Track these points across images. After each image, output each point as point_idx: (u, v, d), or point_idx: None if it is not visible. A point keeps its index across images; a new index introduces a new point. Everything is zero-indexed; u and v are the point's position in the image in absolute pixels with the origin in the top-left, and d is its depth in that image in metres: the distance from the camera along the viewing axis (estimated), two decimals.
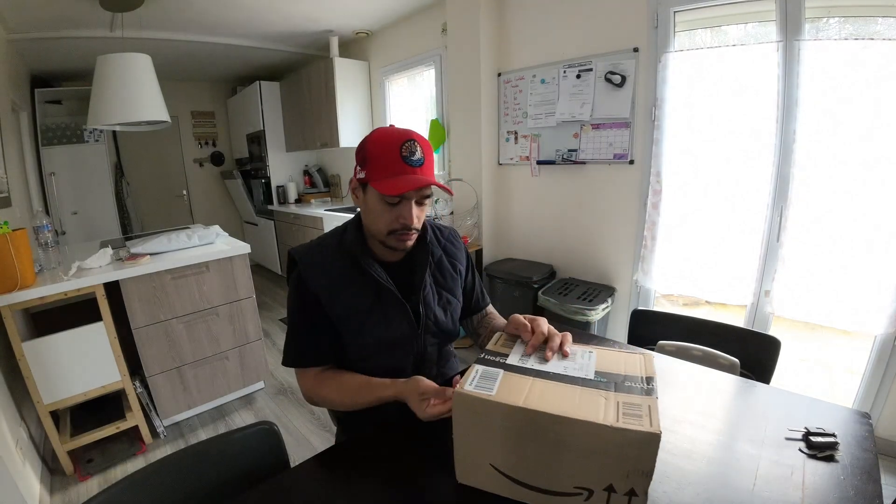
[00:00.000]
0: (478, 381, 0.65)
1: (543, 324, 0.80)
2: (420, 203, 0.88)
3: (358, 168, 0.88)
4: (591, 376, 0.67)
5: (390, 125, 0.93)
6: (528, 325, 0.79)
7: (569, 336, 0.78)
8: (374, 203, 0.87)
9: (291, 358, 0.94)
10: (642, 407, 0.58)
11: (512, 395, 0.62)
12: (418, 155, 0.83)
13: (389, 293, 0.92)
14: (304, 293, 0.91)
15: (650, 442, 0.54)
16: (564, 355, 0.73)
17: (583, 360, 0.72)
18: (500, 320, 1.11)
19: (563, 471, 0.60)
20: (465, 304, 1.10)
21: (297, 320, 0.93)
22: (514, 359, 0.73)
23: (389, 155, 0.83)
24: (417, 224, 0.89)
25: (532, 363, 0.71)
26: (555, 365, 0.70)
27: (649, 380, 0.65)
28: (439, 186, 0.86)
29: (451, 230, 1.11)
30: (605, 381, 0.65)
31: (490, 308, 1.15)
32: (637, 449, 0.55)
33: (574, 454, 0.59)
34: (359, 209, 0.95)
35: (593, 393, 0.62)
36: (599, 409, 0.58)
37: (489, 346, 0.78)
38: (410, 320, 0.94)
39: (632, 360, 0.71)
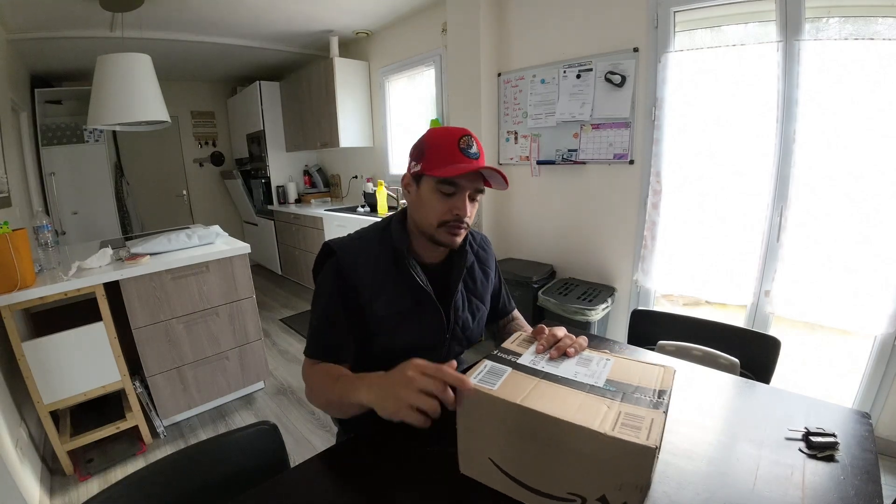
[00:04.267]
0: (483, 376, 0.66)
1: (560, 329, 0.78)
2: (473, 199, 0.88)
3: (413, 164, 0.89)
4: (601, 384, 0.65)
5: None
6: (546, 329, 0.78)
7: (584, 340, 0.76)
8: (428, 194, 0.87)
9: (318, 351, 0.89)
10: (645, 419, 0.56)
11: (513, 393, 0.62)
12: (475, 149, 0.86)
13: (427, 297, 0.91)
14: (343, 286, 0.88)
15: (643, 456, 0.52)
16: (568, 355, 0.72)
17: (597, 366, 0.70)
18: (527, 326, 1.12)
19: (557, 474, 0.60)
20: (491, 310, 1.11)
21: (332, 313, 0.88)
22: (525, 359, 0.72)
23: (448, 146, 0.84)
24: (469, 219, 0.89)
25: (543, 365, 0.70)
26: (566, 369, 0.69)
27: (661, 393, 0.62)
28: (498, 172, 0.84)
29: (482, 236, 1.12)
30: (613, 390, 0.63)
31: (515, 312, 1.17)
32: (631, 461, 0.53)
33: (568, 459, 0.58)
34: (404, 205, 0.94)
35: (597, 400, 0.61)
36: (598, 416, 0.57)
37: (504, 345, 0.78)
38: (443, 326, 0.94)
39: (649, 372, 0.68)
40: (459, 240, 0.91)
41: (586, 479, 0.57)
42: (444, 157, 0.84)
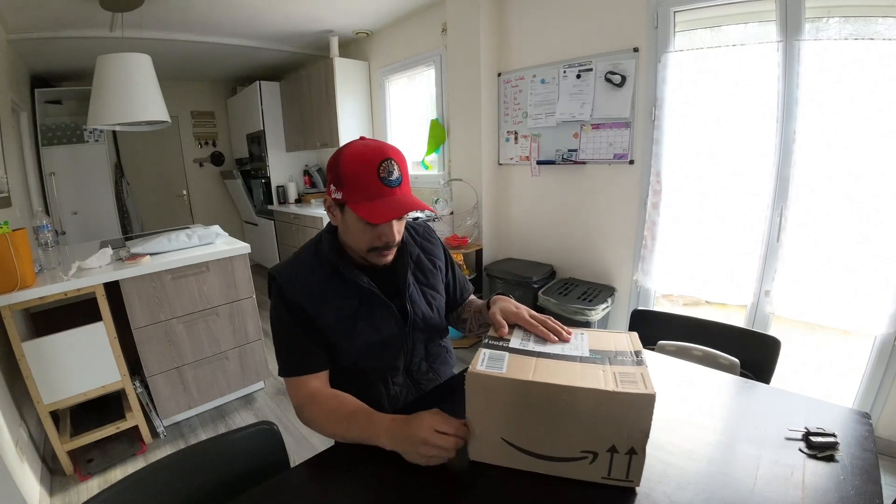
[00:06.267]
0: (487, 362, 0.71)
1: (524, 314, 0.84)
2: (399, 218, 0.88)
3: (333, 187, 0.86)
4: (587, 354, 0.74)
5: (361, 137, 0.91)
6: (505, 323, 0.84)
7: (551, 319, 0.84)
8: (353, 223, 0.86)
9: (293, 367, 0.91)
10: (636, 375, 0.66)
11: (520, 372, 0.68)
12: (396, 174, 0.82)
13: (373, 296, 0.92)
14: (290, 306, 0.90)
15: (646, 402, 0.61)
16: (565, 341, 0.79)
17: (577, 340, 0.79)
18: (478, 301, 1.12)
19: (569, 437, 0.67)
20: (449, 299, 1.10)
21: (290, 331, 0.91)
22: (515, 343, 0.79)
23: (367, 176, 0.81)
24: (398, 238, 0.89)
25: (532, 346, 0.77)
26: (553, 346, 0.77)
27: (637, 353, 0.73)
28: (424, 208, 0.87)
29: (424, 226, 1.12)
30: (599, 357, 0.72)
31: (472, 296, 1.16)
32: (636, 410, 0.62)
33: (580, 421, 0.65)
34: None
35: (592, 367, 0.69)
36: (600, 379, 0.65)
37: (491, 333, 0.84)
38: (397, 319, 0.95)
39: (620, 339, 0.79)
40: (390, 258, 0.92)
41: (597, 434, 0.65)
42: (364, 189, 0.81)
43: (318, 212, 3.81)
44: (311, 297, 0.90)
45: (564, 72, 2.39)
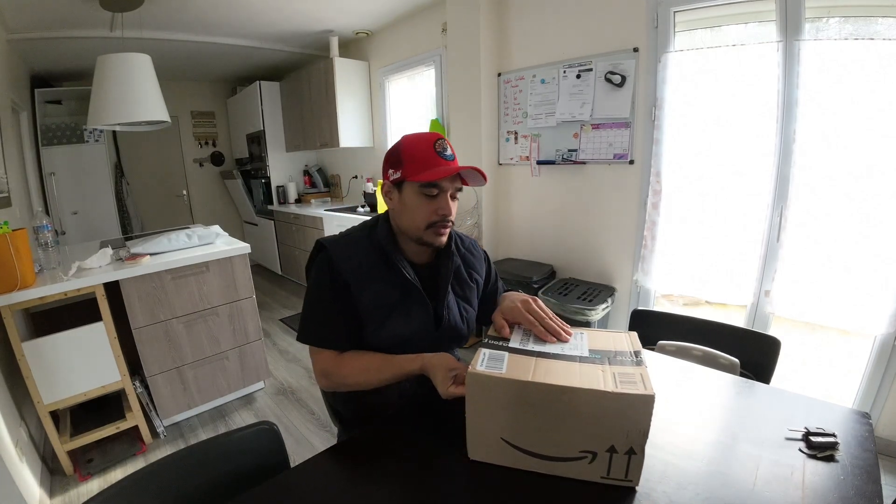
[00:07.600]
0: (487, 362, 0.71)
1: (523, 312, 0.85)
2: (454, 198, 0.94)
3: (391, 171, 0.94)
4: (587, 354, 0.74)
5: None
6: (504, 325, 0.86)
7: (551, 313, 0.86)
8: (411, 199, 0.91)
9: (316, 337, 0.94)
10: (635, 375, 0.66)
11: (520, 373, 0.68)
12: (450, 151, 0.92)
13: (416, 291, 0.95)
14: (335, 278, 0.92)
15: (646, 402, 0.61)
16: (564, 341, 0.80)
17: (576, 340, 0.80)
18: None
19: (569, 437, 0.66)
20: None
21: (326, 301, 0.93)
22: (515, 342, 0.79)
23: (425, 151, 0.90)
24: (454, 214, 0.94)
25: (531, 345, 0.78)
26: (553, 346, 0.77)
27: (637, 353, 0.73)
28: (476, 170, 0.91)
29: (471, 240, 1.15)
30: (599, 357, 0.72)
31: None
32: (635, 410, 0.62)
33: (579, 421, 0.65)
34: (389, 210, 0.99)
35: (591, 367, 0.69)
36: (599, 379, 0.65)
37: (490, 332, 0.85)
38: (430, 320, 0.97)
39: (619, 338, 0.79)
40: (445, 239, 0.95)
41: (597, 434, 0.65)
42: (423, 161, 0.89)
43: (319, 212, 3.81)
44: (358, 276, 0.93)
45: (564, 72, 2.39)
